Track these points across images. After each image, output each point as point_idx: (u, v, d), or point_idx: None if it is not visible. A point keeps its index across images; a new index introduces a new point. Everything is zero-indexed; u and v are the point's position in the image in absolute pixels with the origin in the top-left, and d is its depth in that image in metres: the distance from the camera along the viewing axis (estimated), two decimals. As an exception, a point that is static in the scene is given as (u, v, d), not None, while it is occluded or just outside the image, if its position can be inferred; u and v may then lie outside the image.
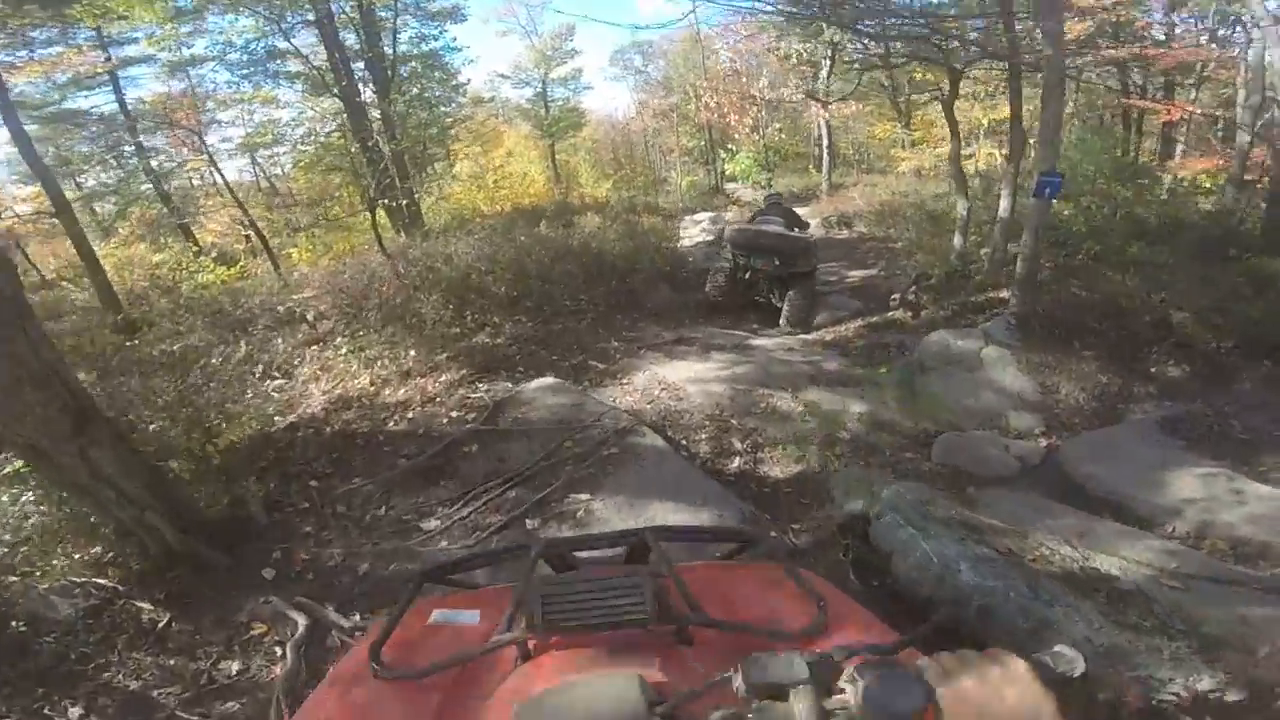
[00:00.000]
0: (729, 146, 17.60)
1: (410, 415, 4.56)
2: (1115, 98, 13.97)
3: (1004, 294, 6.91)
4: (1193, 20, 12.21)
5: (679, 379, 5.34)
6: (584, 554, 1.32)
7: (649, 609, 0.93)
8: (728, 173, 19.09)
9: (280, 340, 6.41)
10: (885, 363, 5.88)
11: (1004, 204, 7.04)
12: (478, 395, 4.78)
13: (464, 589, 1.37)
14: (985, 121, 16.39)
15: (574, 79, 23.50)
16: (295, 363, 5.93)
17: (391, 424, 4.49)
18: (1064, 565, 2.41)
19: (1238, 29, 11.26)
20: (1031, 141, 6.05)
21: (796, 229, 7.83)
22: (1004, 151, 16.89)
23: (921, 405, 5.06)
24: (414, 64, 13.50)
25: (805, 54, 13.16)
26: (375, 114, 12.25)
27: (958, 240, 7.72)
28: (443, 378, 5.22)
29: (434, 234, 10.27)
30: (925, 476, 4.28)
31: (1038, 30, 5.60)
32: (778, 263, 6.97)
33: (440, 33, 14.00)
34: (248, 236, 13.38)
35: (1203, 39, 11.82)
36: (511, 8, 22.78)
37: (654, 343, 6.31)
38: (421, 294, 6.95)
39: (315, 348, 6.18)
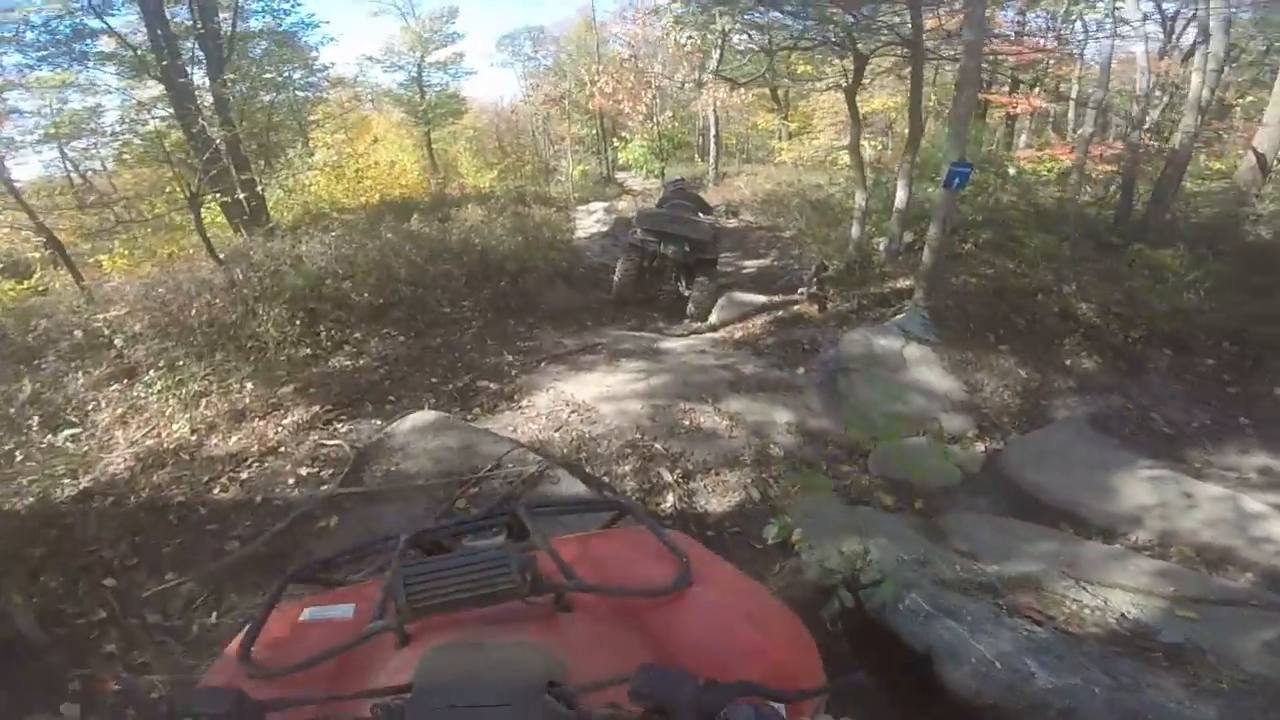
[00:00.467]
0: (622, 135, 16.94)
1: (244, 476, 3.53)
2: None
3: (903, 283, 6.83)
4: (1041, 19, 13.05)
5: (589, 397, 4.66)
6: (465, 541, 1.29)
7: (517, 579, 0.91)
8: (621, 161, 18.47)
9: (79, 375, 5.02)
10: (802, 362, 5.52)
11: (900, 194, 6.94)
12: (335, 443, 3.81)
13: (336, 586, 1.32)
14: (863, 112, 16.81)
15: (454, 63, 22.03)
16: (93, 405, 4.62)
17: (219, 489, 3.44)
18: (1098, 621, 2.08)
19: (1078, 27, 12.16)
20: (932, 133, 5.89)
21: (701, 214, 7.61)
22: (877, 143, 17.66)
23: (849, 410, 4.73)
24: (258, 41, 11.59)
25: (699, 41, 12.91)
26: (211, 98, 10.45)
27: (855, 230, 7.57)
28: (288, 418, 4.20)
29: (282, 232, 8.82)
30: (867, 491, 3.93)
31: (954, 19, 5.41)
32: (688, 249, 6.69)
33: (293, 7, 12.16)
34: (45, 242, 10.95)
35: (1048, 37, 12.66)
36: (387, -15, 20.95)
37: (555, 353, 5.56)
38: (262, 306, 5.74)
39: (122, 383, 4.87)
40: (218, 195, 9.90)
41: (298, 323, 5.53)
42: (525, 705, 0.66)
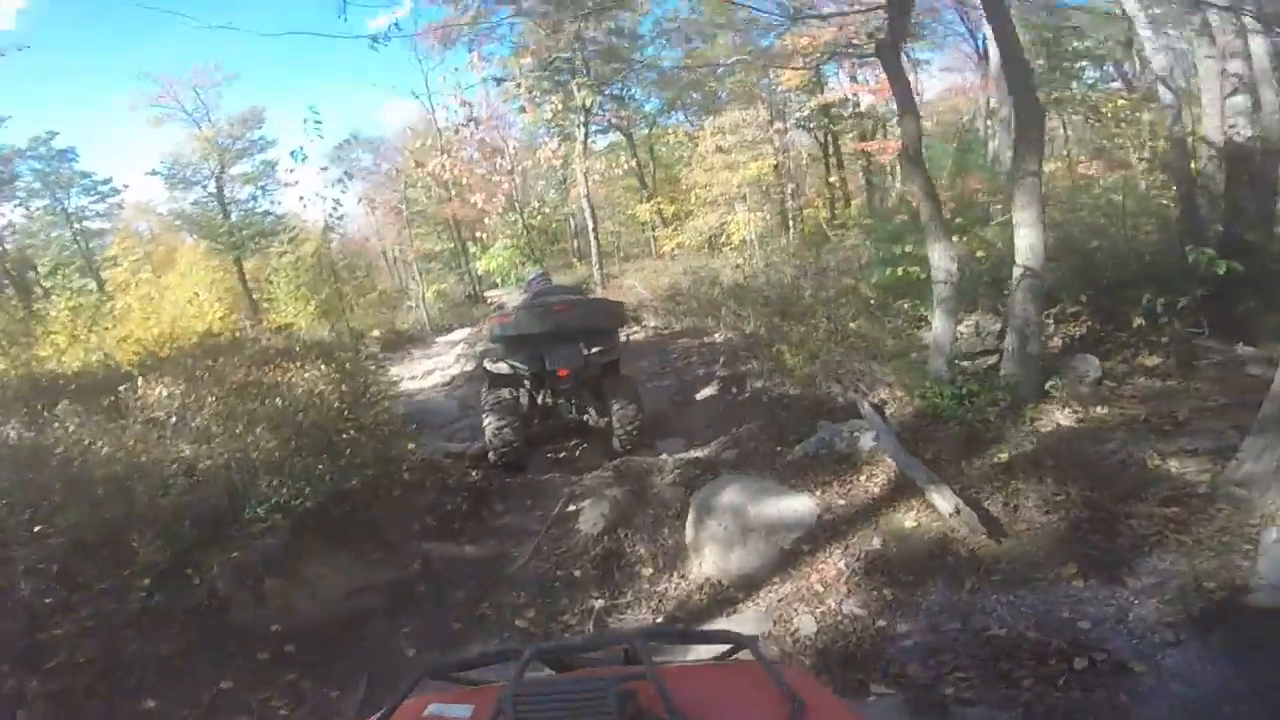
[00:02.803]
0: (479, 236, 13.01)
1: None
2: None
3: (1063, 418, 3.39)
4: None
5: None
6: (589, 656, 1.38)
7: (612, 712, 0.92)
8: (484, 271, 14.56)
9: None
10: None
11: (1030, 236, 3.50)
12: None
13: (463, 686, 1.32)
14: (738, 183, 13.21)
15: (265, 175, 17.89)
16: None
17: None
18: None
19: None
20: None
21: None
22: (766, 215, 14.14)
23: None
24: None
25: (561, 111, 10.08)
26: None
27: (940, 324, 3.86)
28: None
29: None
30: None
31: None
32: (587, 350, 4.92)
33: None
34: None
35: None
36: (172, 91, 16.78)
37: None
38: None
39: None
40: None
41: None
42: None
